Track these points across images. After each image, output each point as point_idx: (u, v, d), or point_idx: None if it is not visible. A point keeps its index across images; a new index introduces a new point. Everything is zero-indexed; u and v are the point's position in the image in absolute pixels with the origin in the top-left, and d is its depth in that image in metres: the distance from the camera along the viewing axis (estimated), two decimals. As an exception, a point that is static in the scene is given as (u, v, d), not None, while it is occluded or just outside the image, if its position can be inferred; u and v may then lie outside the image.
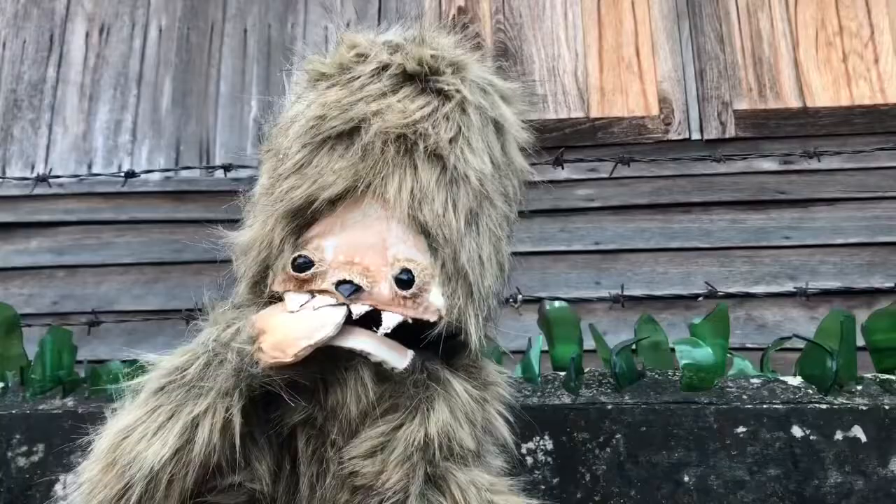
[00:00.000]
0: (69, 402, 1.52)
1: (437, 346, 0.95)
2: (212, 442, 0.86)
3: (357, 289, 0.92)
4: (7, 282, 2.87)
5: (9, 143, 2.97)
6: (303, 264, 0.94)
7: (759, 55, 2.83)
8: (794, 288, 1.65)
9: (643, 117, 2.79)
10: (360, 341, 0.91)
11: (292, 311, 0.92)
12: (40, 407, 1.51)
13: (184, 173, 2.87)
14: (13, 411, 1.49)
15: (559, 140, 2.70)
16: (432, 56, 1.01)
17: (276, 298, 0.97)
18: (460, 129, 0.98)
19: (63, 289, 2.85)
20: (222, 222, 3.16)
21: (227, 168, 1.93)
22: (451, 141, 0.96)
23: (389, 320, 0.92)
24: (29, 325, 1.85)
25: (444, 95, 1.00)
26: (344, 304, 0.91)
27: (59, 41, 3.07)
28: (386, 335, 0.92)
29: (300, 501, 0.94)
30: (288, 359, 0.88)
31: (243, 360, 0.89)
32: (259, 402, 0.93)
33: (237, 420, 0.87)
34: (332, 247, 0.96)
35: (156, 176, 2.85)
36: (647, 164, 2.45)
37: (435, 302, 0.94)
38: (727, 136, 2.74)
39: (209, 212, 2.89)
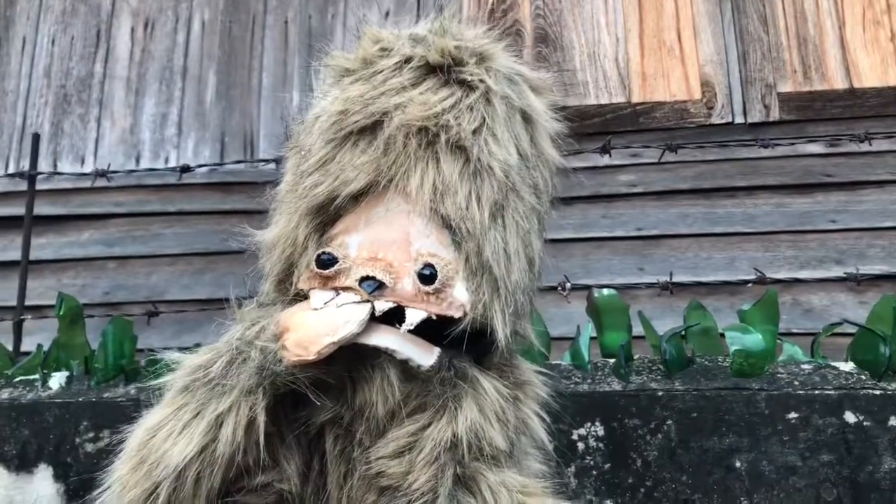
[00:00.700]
0: (132, 389, 1.57)
1: (464, 343, 0.93)
2: (236, 440, 0.87)
3: (380, 285, 0.91)
4: (60, 273, 2.95)
5: (59, 137, 3.05)
6: (326, 261, 0.93)
7: (803, 35, 2.79)
8: (845, 273, 1.63)
9: (685, 101, 2.77)
10: (384, 338, 0.91)
11: (316, 309, 0.92)
12: (105, 395, 1.56)
13: (227, 165, 2.92)
14: (80, 399, 1.55)
15: (600, 126, 2.70)
16: (455, 47, 0.99)
17: (302, 296, 0.96)
18: (484, 119, 0.96)
19: (114, 279, 2.93)
20: (268, 212, 3.20)
21: (278, 161, 1.94)
22: (474, 132, 0.94)
23: (413, 316, 0.91)
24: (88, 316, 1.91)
25: (467, 86, 0.98)
26: (368, 300, 0.91)
27: (105, 37, 3.14)
28: (410, 332, 0.91)
29: (328, 502, 0.94)
30: (311, 356, 0.87)
31: (266, 358, 0.90)
32: (286, 401, 0.93)
33: (261, 418, 0.88)
34: (356, 243, 0.95)
35: (202, 168, 2.91)
36: (690, 149, 2.43)
37: (459, 297, 0.92)
38: (771, 119, 2.71)
39: (254, 202, 2.94)
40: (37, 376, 1.63)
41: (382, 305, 0.91)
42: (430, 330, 0.93)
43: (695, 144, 2.16)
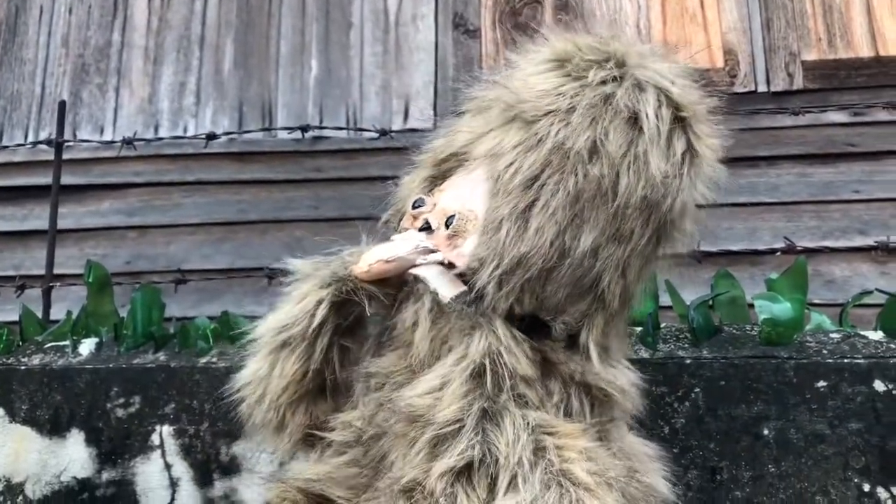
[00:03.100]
0: (161, 356, 1.59)
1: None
2: (312, 314, 1.06)
3: (427, 227, 1.02)
4: (82, 242, 2.97)
5: (78, 107, 3.05)
6: (416, 204, 1.06)
7: (828, 3, 2.74)
8: (875, 242, 1.62)
9: (708, 70, 2.73)
10: (421, 269, 1.02)
11: (390, 240, 1.07)
12: (135, 361, 1.58)
13: (246, 134, 2.91)
14: (110, 365, 1.57)
15: (621, 95, 2.67)
16: (592, 47, 1.03)
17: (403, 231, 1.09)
18: (566, 106, 0.97)
19: (135, 248, 2.94)
20: (286, 182, 3.20)
21: (304, 129, 1.94)
22: (547, 113, 0.97)
23: (431, 256, 1.01)
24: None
25: (574, 79, 0.99)
26: (419, 240, 1.03)
27: (122, 5, 3.12)
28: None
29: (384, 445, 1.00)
30: (364, 268, 1.04)
31: (341, 265, 1.07)
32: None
33: (326, 306, 1.05)
34: (445, 197, 1.05)
35: (221, 137, 2.91)
36: (710, 117, 2.40)
37: (465, 249, 0.99)
38: (795, 87, 2.67)
39: (272, 172, 2.94)
40: (67, 343, 1.64)
41: (425, 243, 1.01)
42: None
43: (724, 111, 2.13)
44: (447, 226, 1.00)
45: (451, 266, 1.00)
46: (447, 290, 0.99)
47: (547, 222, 0.95)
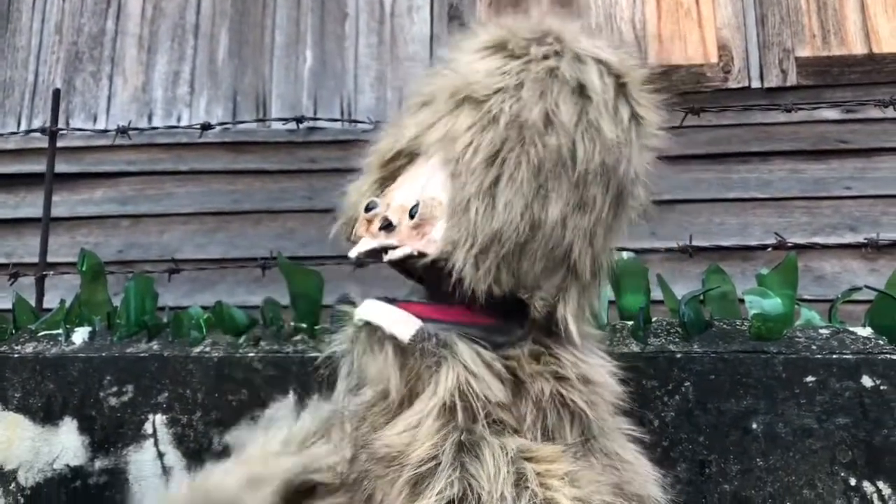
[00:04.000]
0: (154, 345, 1.59)
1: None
2: None
3: (389, 224, 0.99)
4: (74, 230, 2.96)
5: (71, 94, 3.04)
6: (369, 207, 1.03)
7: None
8: (865, 238, 1.64)
9: (702, 65, 2.75)
10: (370, 313, 0.97)
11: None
12: (128, 350, 1.58)
13: (240, 125, 2.90)
14: (103, 354, 1.57)
15: (615, 89, 2.68)
16: (530, 29, 1.04)
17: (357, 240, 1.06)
18: (513, 82, 0.99)
19: (127, 237, 2.94)
20: (279, 173, 3.20)
21: (299, 120, 1.94)
22: (496, 91, 0.98)
23: (396, 253, 0.97)
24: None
25: (516, 57, 1.01)
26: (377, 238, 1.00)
27: (116, -7, 3.11)
28: (392, 301, 0.98)
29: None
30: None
31: None
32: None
33: None
34: (398, 196, 1.02)
35: (214, 128, 2.90)
36: (706, 113, 2.41)
37: (436, 235, 0.96)
38: (788, 84, 2.69)
39: (266, 162, 2.94)
40: (60, 331, 1.64)
41: (384, 241, 0.98)
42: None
43: (717, 108, 2.14)
44: (411, 216, 0.97)
45: (421, 255, 0.97)
46: (402, 330, 0.95)
47: (514, 196, 0.95)
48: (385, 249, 0.99)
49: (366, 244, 1.01)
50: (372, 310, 0.96)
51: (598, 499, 0.91)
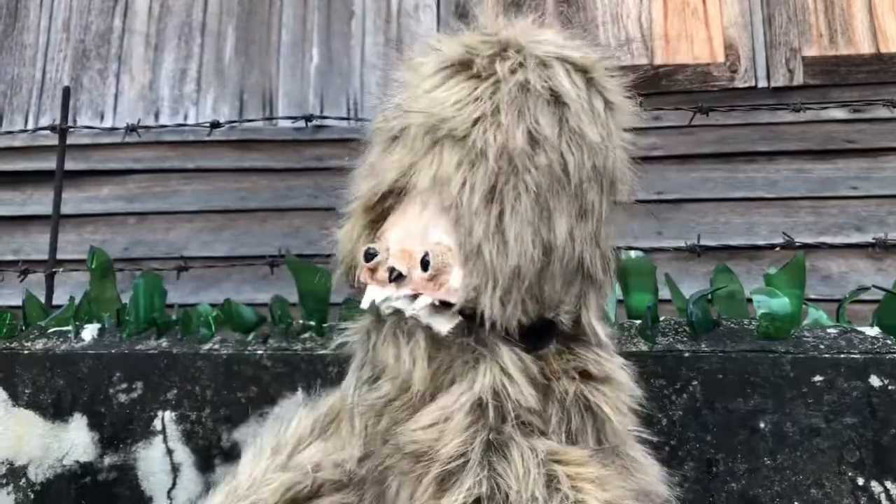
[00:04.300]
0: (163, 342, 1.60)
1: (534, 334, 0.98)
2: None
3: (399, 275, 0.96)
4: (80, 228, 2.97)
5: (78, 92, 3.04)
6: (369, 255, 1.00)
7: (830, -1, 2.76)
8: (873, 238, 1.64)
9: (708, 64, 2.74)
10: (408, 303, 0.96)
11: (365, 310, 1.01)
12: (137, 347, 1.59)
13: (247, 123, 2.91)
14: (112, 350, 1.58)
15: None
16: (482, 41, 1.02)
17: (363, 287, 1.03)
18: (488, 108, 0.97)
19: (134, 235, 2.95)
20: (285, 171, 3.20)
21: (308, 119, 1.95)
22: (475, 121, 0.96)
23: (419, 303, 0.95)
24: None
25: (480, 78, 0.99)
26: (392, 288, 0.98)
27: (124, -10, 3.11)
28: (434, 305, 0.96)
29: (389, 483, 0.98)
30: None
31: None
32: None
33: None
34: (394, 237, 1.00)
35: (223, 126, 2.91)
36: (713, 113, 2.41)
37: (454, 283, 0.95)
38: (795, 83, 2.68)
39: (272, 160, 2.94)
40: (70, 328, 1.65)
41: (401, 292, 0.96)
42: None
43: (725, 107, 2.14)
44: (423, 268, 0.95)
45: (445, 305, 0.95)
46: (441, 323, 0.95)
47: (521, 227, 0.94)
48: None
49: (377, 293, 0.98)
50: (407, 299, 0.96)
51: (627, 503, 0.92)
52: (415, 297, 0.95)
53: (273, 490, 1.02)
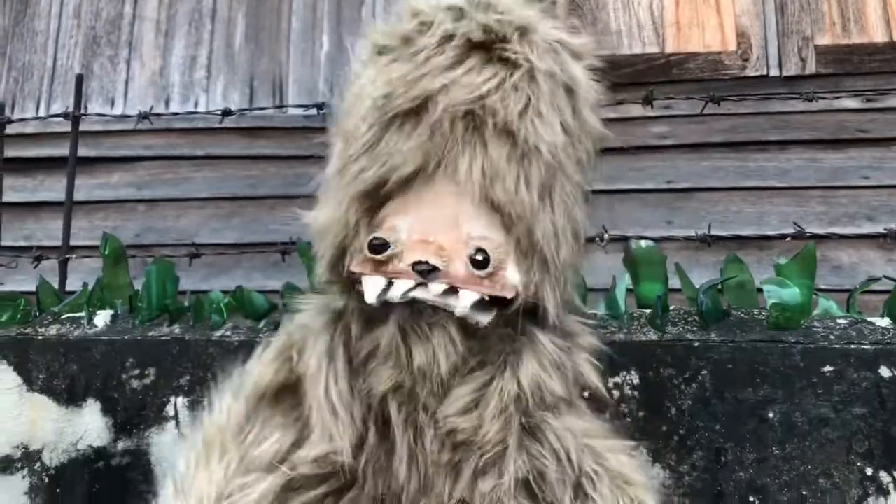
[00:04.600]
0: (176, 329, 1.61)
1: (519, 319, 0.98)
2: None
3: (433, 269, 0.92)
4: (91, 214, 2.99)
5: (89, 79, 3.05)
6: (378, 246, 0.94)
7: (843, -13, 2.73)
8: (884, 229, 1.63)
9: (720, 53, 2.73)
10: (444, 294, 0.93)
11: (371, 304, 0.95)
12: (150, 333, 1.60)
13: (257, 111, 2.91)
14: (125, 337, 1.59)
15: (632, 76, 2.67)
16: (497, 21, 0.96)
17: (355, 279, 0.97)
18: (529, 99, 0.94)
19: (144, 222, 2.97)
20: (295, 158, 3.20)
21: (319, 107, 1.95)
22: (520, 114, 0.93)
23: (466, 298, 0.92)
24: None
25: (511, 64, 0.95)
26: (423, 283, 0.93)
27: (134, -23, 3.12)
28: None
29: (396, 469, 0.96)
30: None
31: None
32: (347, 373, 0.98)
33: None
34: (405, 226, 0.95)
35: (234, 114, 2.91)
36: (722, 101, 2.40)
37: (511, 279, 0.94)
38: (807, 72, 2.67)
39: (282, 148, 2.95)
40: (83, 314, 1.66)
41: (437, 288, 0.92)
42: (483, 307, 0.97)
43: (737, 96, 2.13)
44: (480, 264, 0.92)
45: (496, 300, 0.94)
46: (483, 315, 0.94)
47: (566, 220, 0.96)
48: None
49: (398, 286, 0.93)
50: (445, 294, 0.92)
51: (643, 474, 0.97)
52: (451, 290, 0.92)
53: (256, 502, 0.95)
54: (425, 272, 0.92)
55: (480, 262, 0.92)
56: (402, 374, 0.95)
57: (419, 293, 0.93)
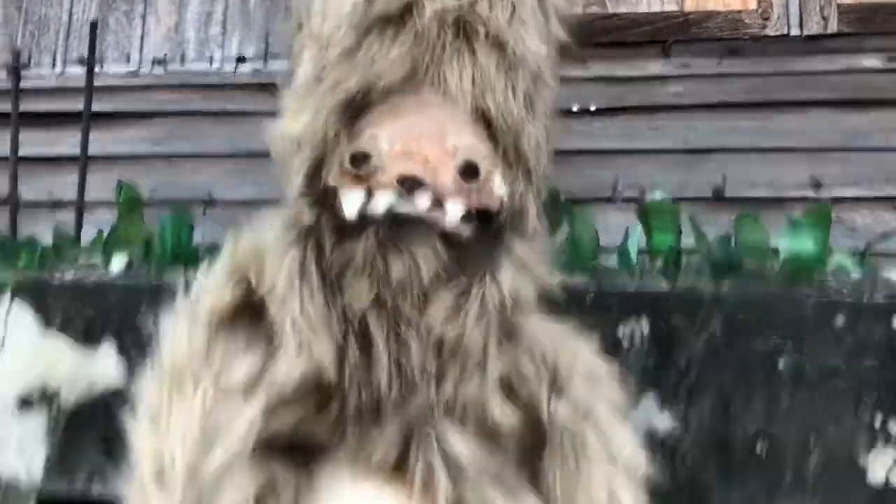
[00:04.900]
0: (190, 276, 1.62)
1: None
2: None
3: (419, 183, 0.90)
4: (107, 170, 2.99)
5: (105, 33, 3.04)
6: (360, 158, 0.90)
7: (867, -58, 2.67)
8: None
9: (740, 11, 2.68)
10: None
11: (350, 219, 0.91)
12: (164, 279, 1.62)
13: (273, 67, 2.89)
14: (140, 282, 1.61)
15: (651, 34, 2.63)
16: None
17: (331, 192, 0.94)
18: (514, 7, 0.94)
19: (161, 177, 2.97)
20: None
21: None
22: (508, 22, 0.94)
23: (455, 211, 0.91)
24: (142, 208, 1.95)
25: None
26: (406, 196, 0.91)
27: (149, -70, 3.10)
28: None
29: (378, 380, 0.94)
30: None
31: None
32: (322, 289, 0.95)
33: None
34: (386, 136, 0.92)
35: (246, 67, 2.91)
36: (741, 60, 2.38)
37: (497, 190, 0.93)
38: (829, 31, 2.62)
39: (298, 104, 2.94)
40: (99, 259, 1.69)
41: (423, 202, 0.90)
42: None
43: (756, 55, 2.10)
44: (468, 174, 0.90)
45: (481, 211, 0.93)
46: (465, 227, 0.93)
47: (543, 130, 0.99)
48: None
49: (380, 200, 0.90)
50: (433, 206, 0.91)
51: None
52: (436, 203, 0.91)
53: (244, 435, 0.91)
54: (411, 186, 0.90)
55: (470, 172, 0.90)
56: (380, 288, 0.92)
57: (403, 207, 0.91)
